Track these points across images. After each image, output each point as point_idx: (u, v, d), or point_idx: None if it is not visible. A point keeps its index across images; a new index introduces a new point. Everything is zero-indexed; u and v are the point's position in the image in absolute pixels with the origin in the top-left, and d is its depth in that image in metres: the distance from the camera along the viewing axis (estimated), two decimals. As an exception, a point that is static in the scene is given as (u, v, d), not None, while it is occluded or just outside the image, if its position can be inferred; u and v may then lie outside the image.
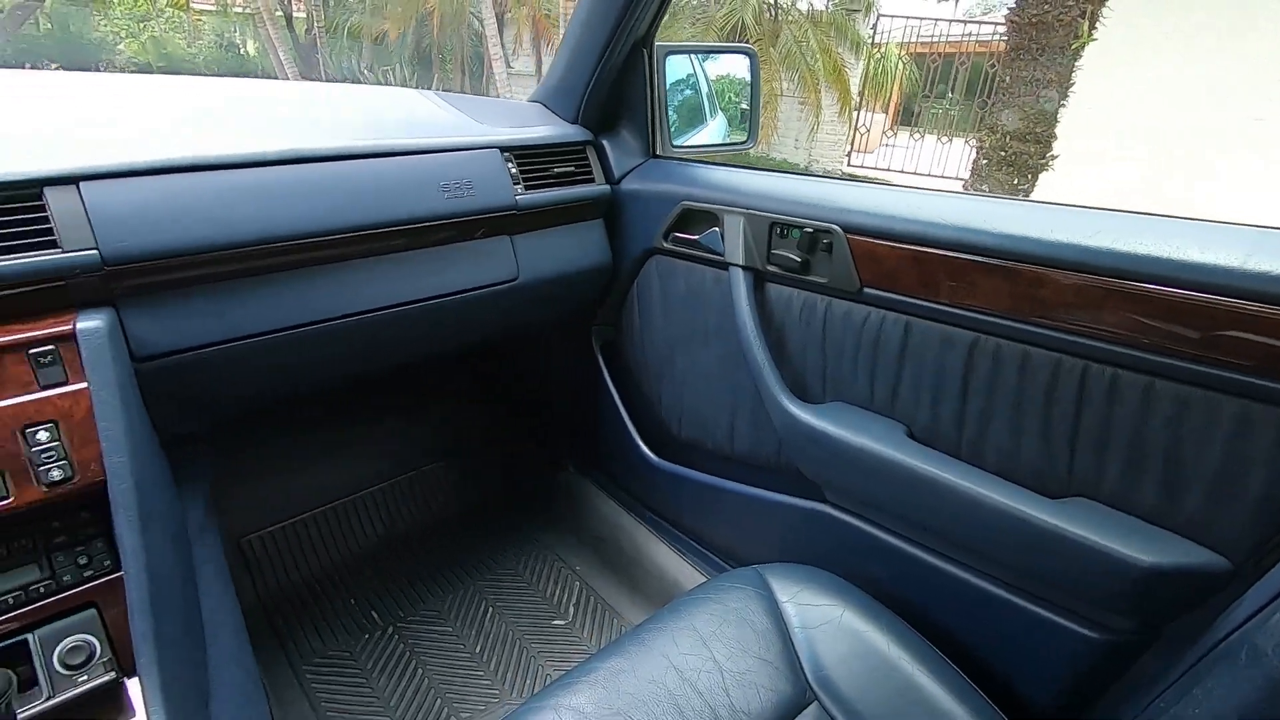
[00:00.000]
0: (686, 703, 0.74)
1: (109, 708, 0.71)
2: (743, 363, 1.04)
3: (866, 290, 0.89)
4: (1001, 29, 5.70)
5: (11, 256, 0.67)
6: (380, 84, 8.93)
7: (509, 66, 9.62)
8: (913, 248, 0.84)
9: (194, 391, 0.85)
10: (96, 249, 0.72)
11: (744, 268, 1.01)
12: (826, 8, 9.34)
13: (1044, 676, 0.82)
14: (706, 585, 0.89)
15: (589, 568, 1.45)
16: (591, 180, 1.17)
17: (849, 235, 0.89)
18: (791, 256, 0.96)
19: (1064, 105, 5.25)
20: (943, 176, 8.26)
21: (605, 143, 1.20)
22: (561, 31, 8.72)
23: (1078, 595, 0.77)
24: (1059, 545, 0.74)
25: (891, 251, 0.86)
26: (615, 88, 1.16)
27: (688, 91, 1.24)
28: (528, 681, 1.21)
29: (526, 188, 1.08)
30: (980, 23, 8.03)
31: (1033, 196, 5.58)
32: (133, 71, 14.03)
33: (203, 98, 0.99)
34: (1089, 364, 0.73)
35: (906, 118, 9.68)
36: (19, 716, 0.62)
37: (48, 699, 0.67)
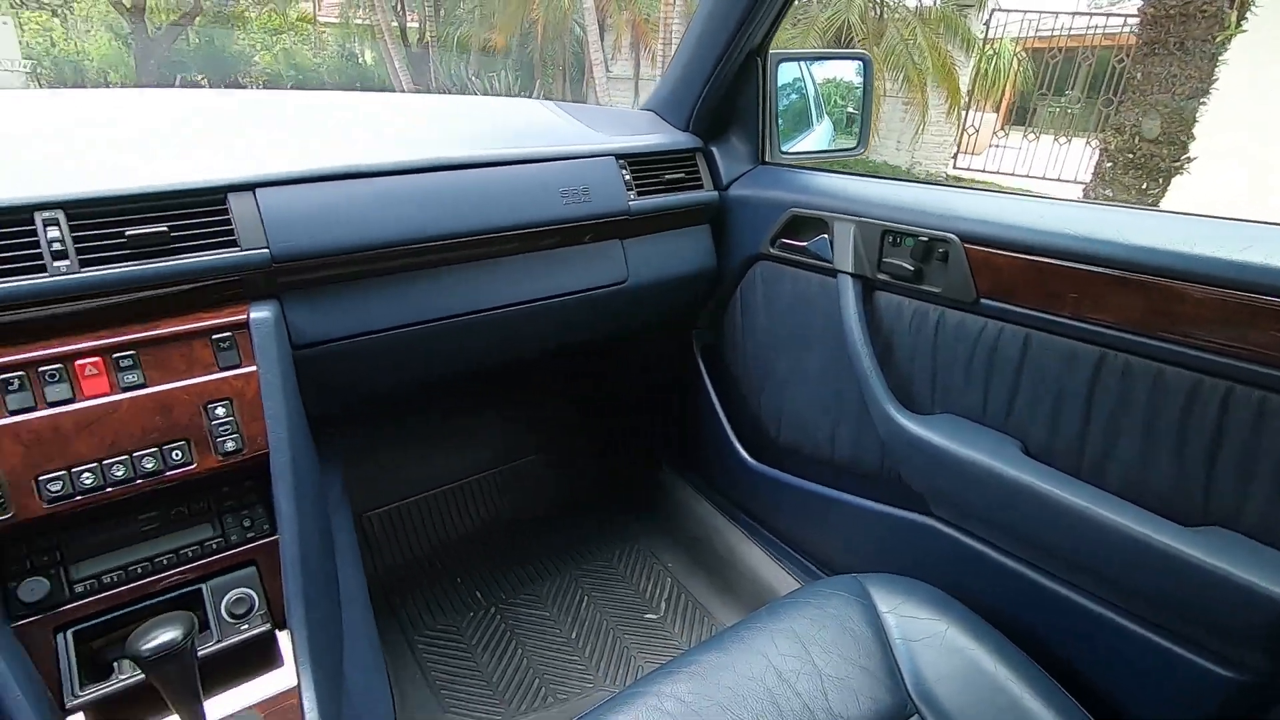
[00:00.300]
0: (785, 702, 0.75)
1: (261, 655, 0.80)
2: (847, 370, 1.04)
3: (983, 301, 0.87)
4: (1134, 20, 5.30)
5: (204, 254, 0.77)
6: (487, 90, 9.36)
7: (608, 71, 9.81)
8: (1035, 258, 0.81)
9: (338, 377, 0.94)
10: (268, 248, 0.81)
11: (853, 275, 1.01)
12: (936, 4, 8.98)
13: (1165, 712, 0.78)
14: (805, 590, 0.90)
15: (681, 566, 1.48)
16: (700, 186, 1.20)
17: (966, 245, 0.88)
18: (904, 265, 0.95)
19: (1204, 104, 4.82)
20: (1059, 180, 7.75)
21: (714, 150, 1.22)
22: (660, 36, 8.83)
23: (1209, 629, 0.73)
24: (1191, 574, 0.70)
25: (1011, 262, 0.84)
26: (726, 96, 1.18)
27: (794, 96, 1.25)
28: (621, 671, 1.25)
29: (639, 193, 1.12)
30: (1109, 15, 7.49)
31: (1164, 203, 5.16)
32: (266, 80, 15.28)
33: (351, 111, 1.09)
34: (1233, 385, 0.69)
35: (1020, 117, 9.15)
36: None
37: (217, 642, 0.77)
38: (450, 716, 1.15)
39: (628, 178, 1.10)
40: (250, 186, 0.82)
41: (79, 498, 0.71)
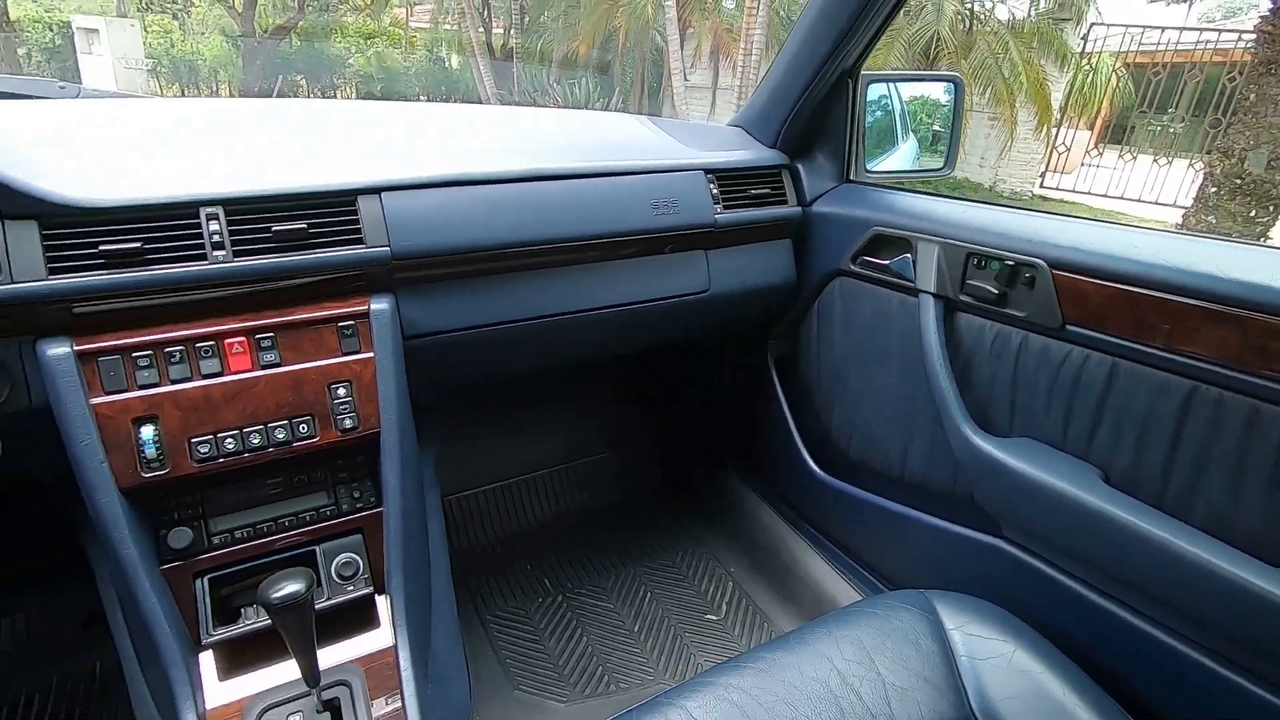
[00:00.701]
0: (848, 704, 0.77)
1: (362, 616, 0.88)
2: (923, 388, 1.05)
3: (1069, 328, 0.88)
4: (1249, 37, 4.99)
5: (335, 249, 0.86)
6: (566, 95, 9.58)
7: (686, 80, 9.89)
8: (1126, 287, 0.81)
9: (440, 367, 1.01)
10: (389, 246, 0.90)
11: (935, 295, 1.03)
12: (1029, 16, 8.67)
13: None
14: (870, 600, 0.92)
15: (743, 571, 1.51)
16: (785, 202, 1.23)
17: (1054, 271, 0.88)
18: (988, 288, 0.96)
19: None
20: (1157, 203, 7.36)
21: (800, 166, 1.25)
22: (741, 46, 8.84)
23: None
24: None
25: (1100, 290, 0.84)
26: (815, 115, 1.21)
27: (880, 114, 1.26)
28: (681, 666, 1.29)
29: (725, 207, 1.16)
30: (1221, 30, 7.06)
31: (1275, 233, 4.84)
32: (359, 81, 16.05)
33: (464, 122, 1.17)
34: None
35: (1116, 135, 8.72)
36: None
37: (327, 599, 0.85)
38: (519, 694, 1.21)
39: (715, 191, 1.15)
40: (377, 190, 0.90)
41: (221, 460, 0.80)
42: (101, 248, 0.75)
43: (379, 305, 0.90)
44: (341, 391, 0.86)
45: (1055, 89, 8.24)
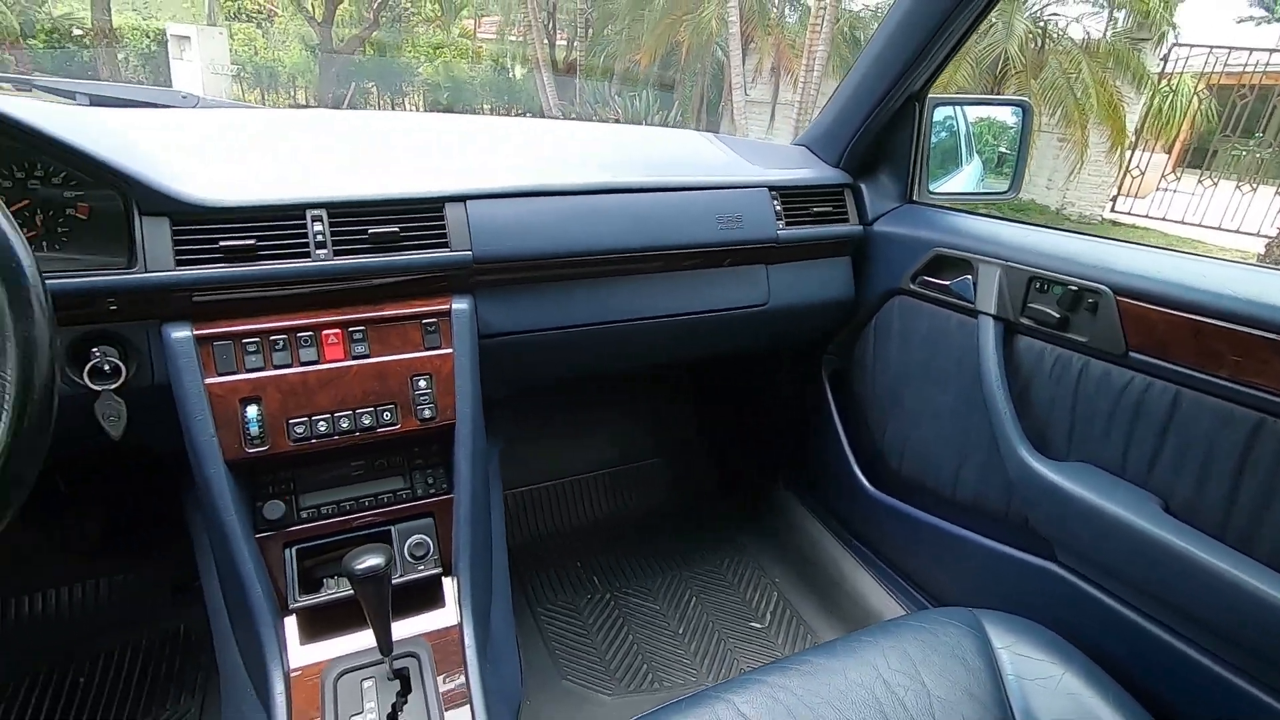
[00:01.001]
0: (893, 713, 0.79)
1: (429, 595, 0.94)
2: (978, 408, 1.06)
3: (1133, 354, 0.88)
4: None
5: (423, 252, 0.93)
6: (627, 108, 9.74)
7: (746, 95, 9.92)
8: (1192, 316, 0.81)
9: (511, 365, 1.07)
10: (471, 250, 0.96)
11: (995, 317, 1.04)
12: (1105, 36, 8.41)
13: None
14: (917, 614, 0.93)
15: (788, 582, 1.53)
16: (846, 220, 1.25)
17: (1119, 297, 0.89)
18: (1050, 312, 0.97)
19: None
20: (1238, 232, 7.02)
21: (863, 186, 1.27)
22: (803, 62, 8.84)
23: None
24: None
25: (1166, 318, 0.84)
26: (880, 136, 1.23)
27: (944, 135, 1.28)
28: (724, 670, 1.32)
29: (787, 223, 1.19)
30: (1315, 52, 6.73)
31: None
32: (426, 89, 16.63)
33: (541, 136, 1.24)
34: None
35: (1196, 160, 8.36)
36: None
37: (401, 576, 0.91)
38: (566, 683, 1.26)
39: (778, 208, 1.18)
40: (463, 198, 0.97)
41: (314, 441, 0.87)
42: (221, 244, 0.83)
43: (459, 305, 0.96)
44: (422, 383, 0.93)
45: (1130, 110, 7.96)
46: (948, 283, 1.12)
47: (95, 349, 0.80)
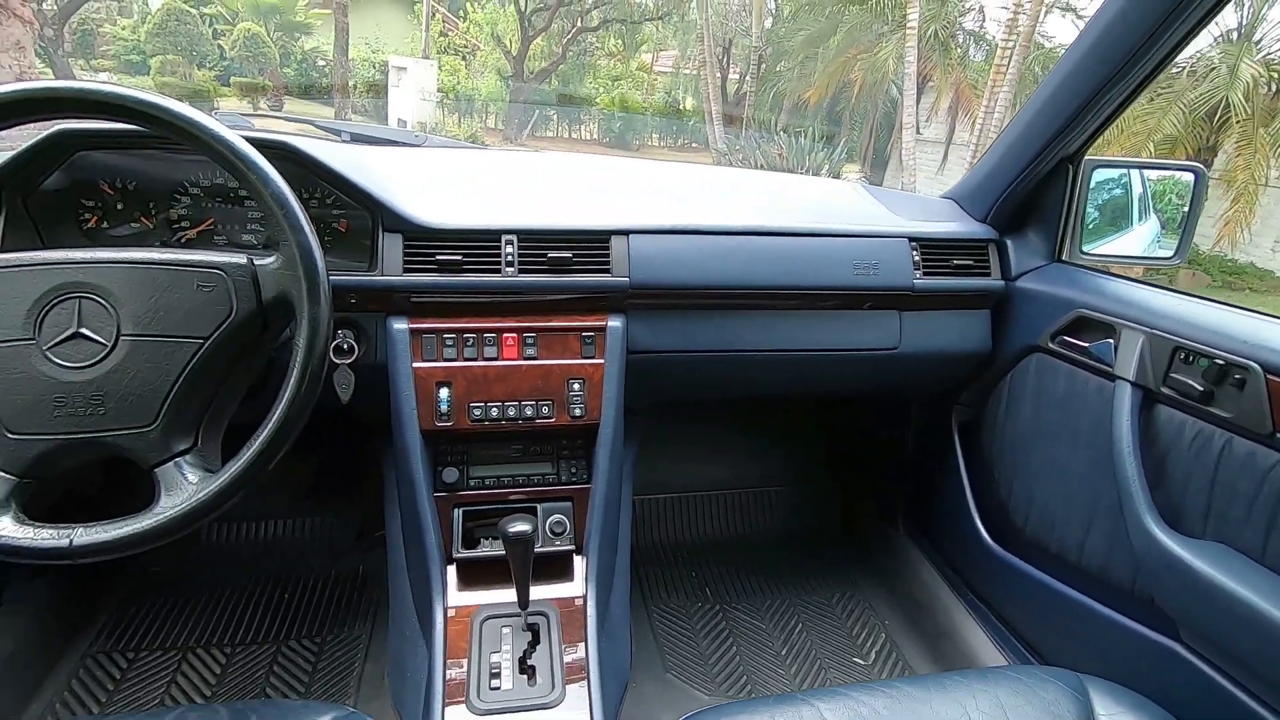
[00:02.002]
0: None
1: (561, 568, 1.09)
2: (1109, 475, 1.04)
3: None
4: None
5: (590, 275, 1.10)
6: (790, 143, 9.81)
7: (918, 133, 9.62)
8: None
9: (652, 380, 1.21)
10: (628, 277, 1.11)
11: (1133, 384, 1.03)
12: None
13: None
14: (1018, 667, 0.95)
15: (897, 625, 1.53)
16: (987, 274, 1.28)
17: (1269, 375, 0.86)
18: (1193, 384, 0.95)
19: None
20: None
21: (1009, 242, 1.29)
22: (984, 103, 8.45)
23: None
24: None
25: None
26: (1030, 195, 1.25)
27: (1105, 197, 1.26)
28: (820, 696, 1.36)
29: (925, 274, 1.24)
30: None
31: None
32: (601, 119, 17.71)
33: (698, 179, 1.39)
34: None
35: None
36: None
37: (541, 546, 1.07)
38: (669, 676, 1.37)
39: (917, 259, 1.24)
40: (626, 232, 1.13)
41: (486, 423, 1.06)
42: (437, 257, 1.05)
43: (614, 323, 1.12)
44: (576, 386, 1.09)
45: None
46: (1088, 344, 1.12)
47: (339, 331, 1.04)
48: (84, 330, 0.73)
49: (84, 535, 0.71)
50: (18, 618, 1.26)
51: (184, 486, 0.75)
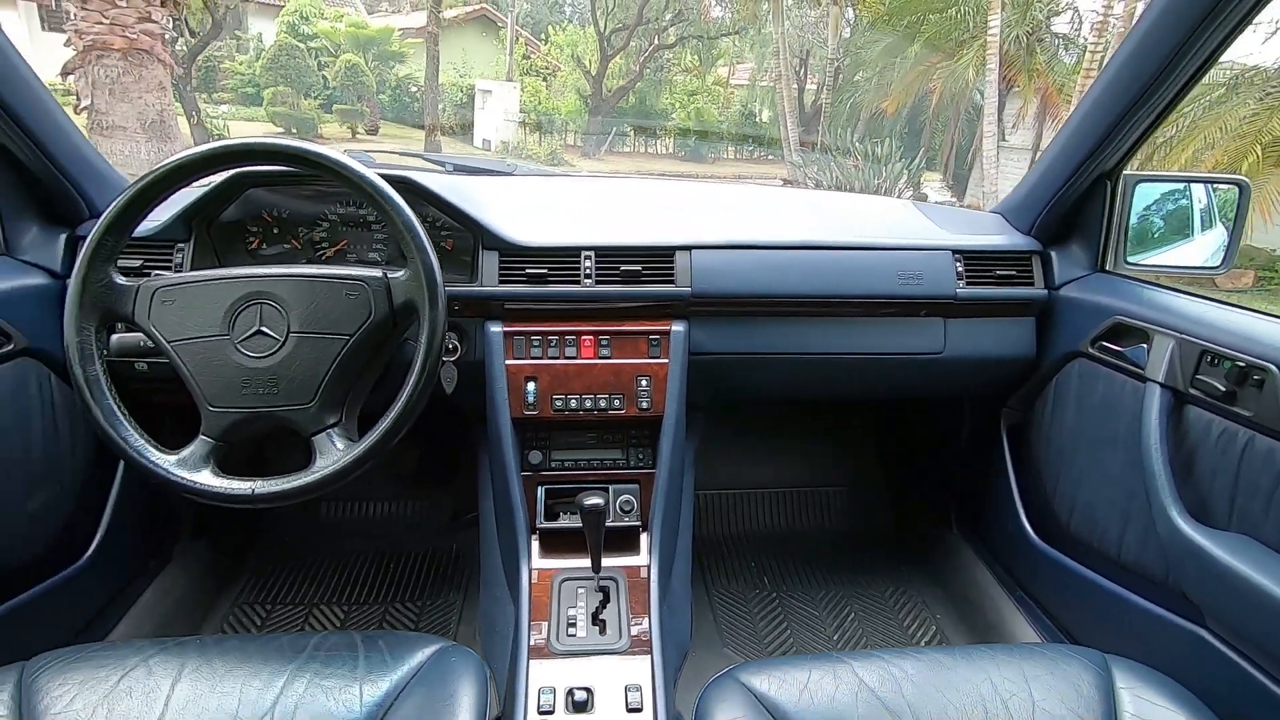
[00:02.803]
0: (995, 711, 0.91)
1: (628, 542, 1.25)
2: (1144, 474, 1.11)
3: None
4: None
5: (657, 285, 1.25)
6: (868, 154, 9.73)
7: (1003, 140, 9.34)
8: None
9: (712, 378, 1.35)
10: (690, 287, 1.27)
11: (1162, 385, 1.09)
12: None
13: None
14: (1048, 645, 1.03)
15: (948, 621, 1.60)
16: (1030, 284, 1.36)
17: None
18: (1217, 385, 1.01)
19: None
20: None
21: (1053, 253, 1.36)
22: (1071, 106, 8.12)
23: None
24: None
25: None
26: (1072, 209, 1.32)
27: (1148, 209, 1.31)
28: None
29: (968, 283, 1.33)
30: None
31: None
32: (676, 134, 17.97)
33: (758, 199, 1.53)
34: None
35: None
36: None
37: (612, 521, 1.23)
38: (726, 650, 1.50)
39: (960, 269, 1.33)
40: (689, 248, 1.28)
41: (566, 413, 1.23)
42: (527, 270, 1.23)
43: (677, 327, 1.27)
44: (643, 382, 1.25)
45: None
46: (1124, 349, 1.18)
47: (447, 333, 1.24)
48: (264, 328, 0.95)
49: (263, 486, 0.92)
50: (187, 570, 1.52)
51: (333, 451, 0.95)
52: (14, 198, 1.14)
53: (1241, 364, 0.98)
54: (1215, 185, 1.32)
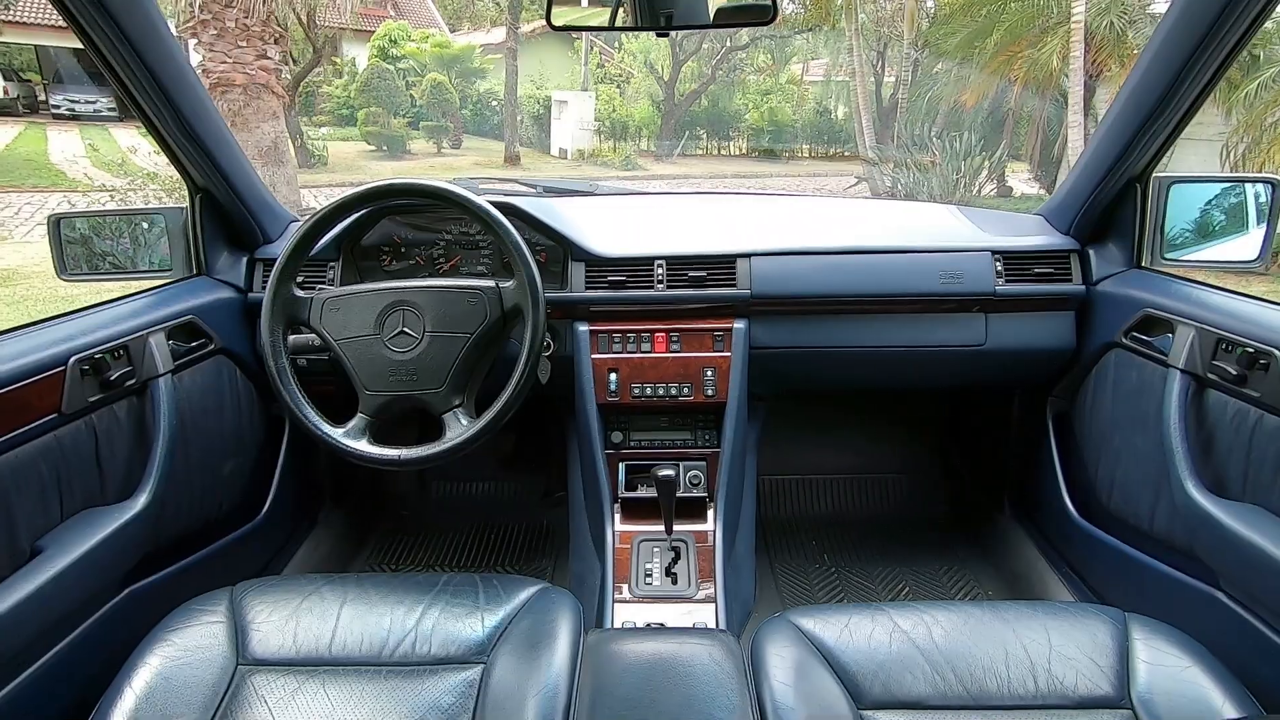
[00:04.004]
0: (1013, 650, 1.03)
1: (696, 511, 1.44)
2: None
3: None
4: None
5: (720, 289, 1.45)
6: (946, 150, 9.50)
7: (1091, 131, 8.93)
8: None
9: (772, 370, 1.53)
10: (750, 290, 1.45)
11: (1183, 371, 1.20)
12: None
13: None
14: (1072, 603, 1.15)
15: (999, 597, 1.72)
16: (1068, 280, 1.46)
17: None
18: (1229, 369, 1.11)
19: None
20: None
21: (1091, 251, 1.47)
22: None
23: None
24: None
25: None
26: (1109, 208, 1.42)
27: (1185, 208, 1.39)
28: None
29: (1007, 280, 1.46)
30: None
31: None
32: (750, 134, 17.96)
33: (813, 209, 1.70)
34: None
35: None
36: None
37: (682, 492, 1.43)
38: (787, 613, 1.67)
39: (999, 268, 1.46)
40: (749, 255, 1.47)
41: (642, 399, 1.44)
42: (608, 278, 1.45)
43: (739, 325, 1.46)
44: (709, 373, 1.44)
45: None
46: (1153, 339, 1.29)
47: None
48: (405, 329, 1.20)
49: (407, 453, 1.17)
50: (329, 532, 1.83)
51: (458, 426, 1.19)
52: (212, 229, 1.45)
53: (1250, 349, 1.08)
54: (1249, 184, 1.39)
